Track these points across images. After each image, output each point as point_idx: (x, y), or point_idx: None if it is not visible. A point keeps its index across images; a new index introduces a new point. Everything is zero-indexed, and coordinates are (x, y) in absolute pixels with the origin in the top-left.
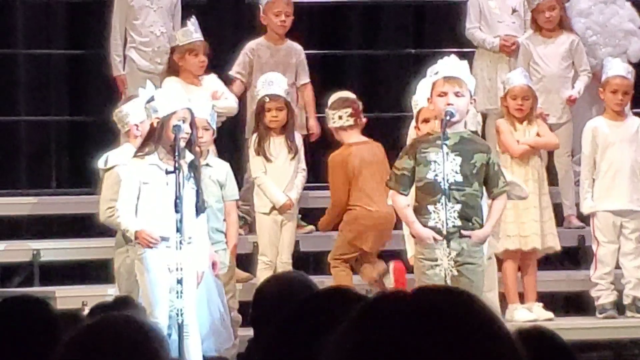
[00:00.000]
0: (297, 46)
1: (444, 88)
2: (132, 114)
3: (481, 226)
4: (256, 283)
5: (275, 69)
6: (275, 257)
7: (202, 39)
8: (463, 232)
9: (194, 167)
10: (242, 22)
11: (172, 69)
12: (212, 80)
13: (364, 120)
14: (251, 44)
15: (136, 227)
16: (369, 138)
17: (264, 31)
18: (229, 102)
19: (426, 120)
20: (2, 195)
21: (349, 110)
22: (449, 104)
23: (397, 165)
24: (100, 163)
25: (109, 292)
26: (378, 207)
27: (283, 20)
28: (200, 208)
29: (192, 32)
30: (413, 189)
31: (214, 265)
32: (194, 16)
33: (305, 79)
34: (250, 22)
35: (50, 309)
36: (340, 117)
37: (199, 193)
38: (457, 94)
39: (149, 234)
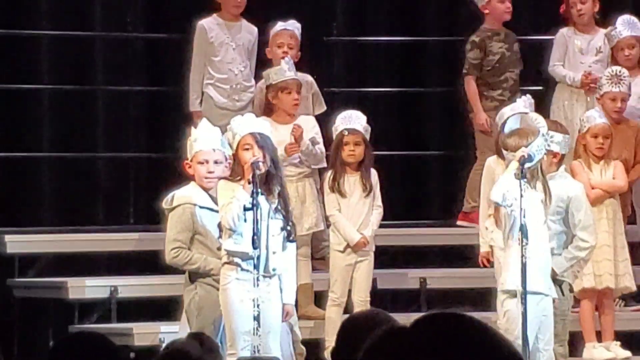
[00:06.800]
0: (309, 77)
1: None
2: (187, 151)
3: None
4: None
5: None
6: (345, 295)
7: (295, 77)
8: None
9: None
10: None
11: (267, 108)
12: (307, 122)
13: None
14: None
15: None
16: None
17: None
18: (316, 153)
19: None
20: (81, 232)
21: None
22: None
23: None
24: (165, 202)
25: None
26: None
27: (285, 52)
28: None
29: (285, 70)
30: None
31: None
32: (289, 56)
33: (321, 108)
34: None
35: (109, 343)
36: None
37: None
38: None
39: None
